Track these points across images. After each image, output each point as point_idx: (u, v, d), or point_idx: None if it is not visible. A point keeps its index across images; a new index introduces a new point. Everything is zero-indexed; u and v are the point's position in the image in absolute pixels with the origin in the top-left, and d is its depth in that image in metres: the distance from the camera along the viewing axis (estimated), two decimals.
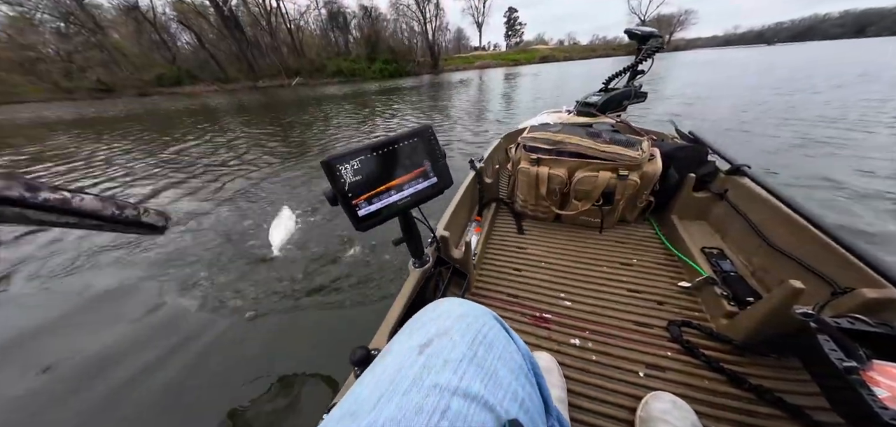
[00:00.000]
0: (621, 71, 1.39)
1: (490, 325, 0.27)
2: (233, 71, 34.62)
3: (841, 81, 6.75)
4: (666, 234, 1.01)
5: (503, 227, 1.15)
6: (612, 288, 0.83)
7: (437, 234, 0.78)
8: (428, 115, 6.47)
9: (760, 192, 0.87)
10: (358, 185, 0.48)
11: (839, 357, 0.43)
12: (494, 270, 0.93)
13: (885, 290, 0.53)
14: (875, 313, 0.52)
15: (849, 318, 0.49)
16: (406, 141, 0.53)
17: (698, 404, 0.53)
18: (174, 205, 2.69)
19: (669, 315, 0.73)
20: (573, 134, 1.01)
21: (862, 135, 3.12)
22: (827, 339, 0.46)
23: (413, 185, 0.54)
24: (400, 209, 0.53)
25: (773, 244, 0.77)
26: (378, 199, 0.50)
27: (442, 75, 27.33)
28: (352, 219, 0.48)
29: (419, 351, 0.24)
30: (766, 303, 0.58)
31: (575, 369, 0.62)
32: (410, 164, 0.53)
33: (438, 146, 0.57)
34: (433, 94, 10.40)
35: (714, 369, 0.59)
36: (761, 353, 0.61)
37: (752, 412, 0.53)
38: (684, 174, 1.03)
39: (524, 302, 0.79)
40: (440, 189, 0.57)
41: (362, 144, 0.48)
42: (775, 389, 0.55)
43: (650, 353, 0.64)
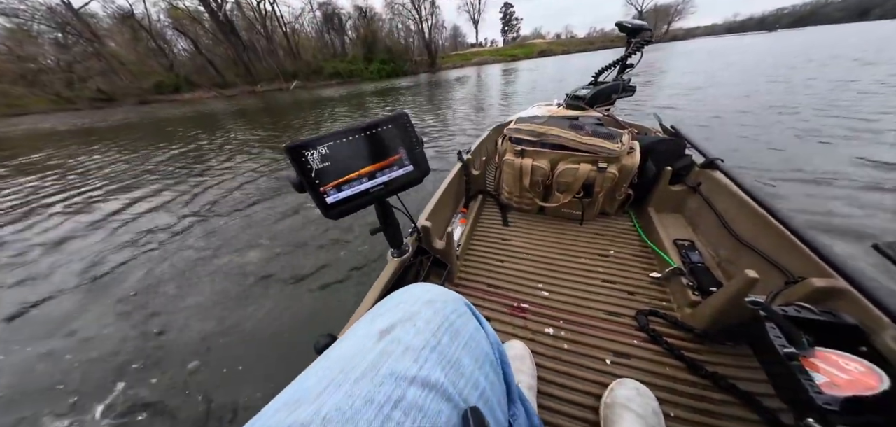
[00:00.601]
0: (611, 64, 1.38)
1: (459, 312, 0.27)
2: (231, 76, 34.67)
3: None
4: (643, 227, 1.03)
5: (489, 219, 1.16)
6: (589, 279, 0.84)
7: (419, 224, 0.78)
8: (425, 112, 6.45)
9: (730, 185, 0.88)
10: (326, 171, 0.47)
11: (782, 344, 0.45)
12: (477, 261, 0.94)
13: (833, 279, 0.55)
14: (823, 302, 0.54)
15: (795, 306, 0.51)
16: (379, 128, 0.52)
17: (659, 390, 0.55)
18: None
19: (639, 305, 0.75)
20: (557, 126, 1.01)
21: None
22: (773, 327, 0.47)
23: (387, 172, 0.53)
24: (374, 197, 0.52)
25: (739, 236, 0.79)
26: (348, 186, 0.49)
27: (440, 73, 27.29)
28: (320, 206, 0.47)
29: (379, 337, 0.23)
30: (723, 292, 0.60)
31: (547, 357, 0.63)
32: (384, 151, 0.52)
33: (415, 134, 0.56)
34: (430, 93, 10.40)
35: (675, 357, 0.61)
36: (719, 341, 0.63)
37: (707, 398, 0.55)
38: (662, 167, 1.04)
39: (504, 292, 0.81)
40: (417, 177, 0.56)
41: (331, 131, 0.48)
42: (729, 376, 0.57)
43: (618, 342, 0.66)
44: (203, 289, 1.58)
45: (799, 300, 0.55)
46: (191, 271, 1.74)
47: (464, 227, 1.05)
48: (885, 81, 4.66)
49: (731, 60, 9.88)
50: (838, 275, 0.55)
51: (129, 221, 2.55)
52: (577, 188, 1.00)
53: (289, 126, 6.73)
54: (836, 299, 0.54)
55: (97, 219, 2.66)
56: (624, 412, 0.48)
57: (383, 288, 0.63)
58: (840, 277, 0.54)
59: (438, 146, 3.75)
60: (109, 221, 2.59)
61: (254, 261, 1.78)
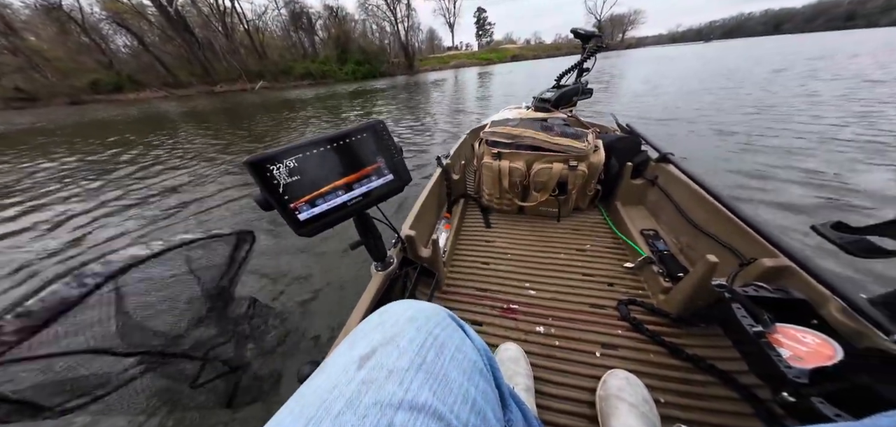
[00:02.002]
0: (570, 68, 1.49)
1: (443, 324, 0.26)
2: (185, 75, 31.51)
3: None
4: (612, 220, 1.08)
5: (472, 223, 1.16)
6: (570, 273, 0.86)
7: (402, 233, 0.76)
8: (405, 115, 6.25)
9: (683, 177, 0.96)
10: (296, 186, 0.43)
11: (750, 323, 0.49)
12: (464, 266, 0.93)
13: (779, 258, 0.60)
14: (773, 280, 0.60)
15: (754, 286, 0.57)
16: (353, 137, 0.49)
17: (647, 377, 0.57)
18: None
19: (618, 295, 0.77)
20: (529, 128, 1.05)
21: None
22: (739, 307, 0.51)
23: (365, 183, 0.50)
24: (352, 211, 0.49)
25: (695, 223, 0.84)
26: (323, 200, 0.45)
27: (418, 76, 27.21)
28: (291, 224, 0.43)
29: (359, 364, 0.22)
30: (691, 277, 0.63)
31: (541, 357, 0.63)
32: (360, 161, 0.49)
33: (392, 141, 0.54)
34: (409, 95, 10.22)
35: (657, 343, 0.63)
36: (692, 323, 0.65)
37: (691, 380, 0.57)
38: (623, 163, 1.12)
39: (493, 295, 0.80)
40: (398, 187, 0.54)
41: (299, 142, 0.43)
42: (707, 357, 0.59)
43: (604, 333, 0.68)
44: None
45: (754, 280, 0.60)
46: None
47: (448, 233, 1.04)
48: (796, 84, 5.33)
49: (679, 68, 10.94)
50: (783, 254, 0.60)
51: None
52: (552, 186, 1.04)
53: (252, 131, 6.12)
54: (785, 277, 0.59)
55: None
56: (618, 403, 0.49)
57: (369, 304, 0.59)
58: (784, 257, 0.59)
59: (422, 151, 3.60)
60: None
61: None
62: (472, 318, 0.74)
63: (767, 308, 0.50)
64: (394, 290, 0.69)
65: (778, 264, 0.59)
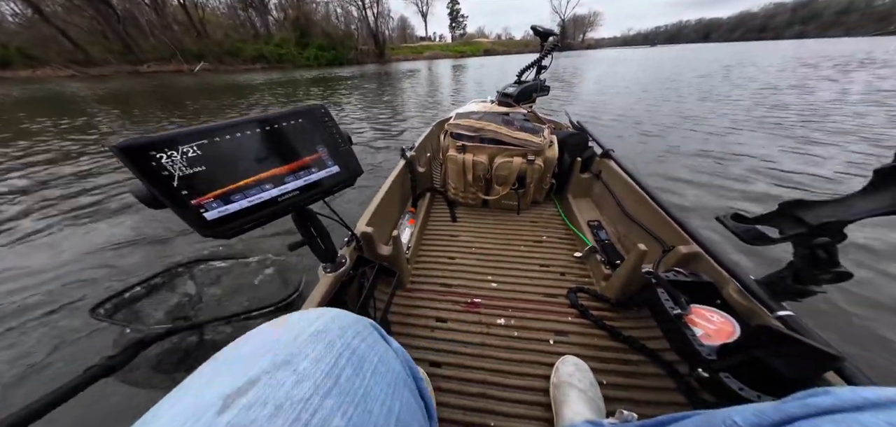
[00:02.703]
0: (530, 65, 1.52)
1: (363, 335, 0.23)
2: (98, 51, 26.01)
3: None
4: (565, 212, 1.15)
5: (438, 217, 1.15)
6: (528, 265, 0.89)
7: (357, 230, 0.72)
8: (374, 104, 5.81)
9: (621, 172, 1.05)
10: (201, 178, 0.35)
11: (671, 306, 0.55)
12: (429, 261, 0.92)
13: (692, 246, 0.68)
14: (688, 265, 0.68)
15: (674, 271, 0.64)
16: (284, 123, 0.42)
17: (592, 361, 0.60)
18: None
19: (569, 283, 0.81)
20: (492, 121, 1.08)
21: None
22: (663, 292, 0.57)
23: (302, 176, 0.43)
24: (286, 207, 0.43)
25: (629, 214, 0.92)
26: (242, 196, 0.38)
27: (390, 65, 26.35)
28: (194, 224, 0.35)
29: (222, 406, 0.15)
30: (626, 265, 0.68)
31: (502, 349, 0.65)
32: (295, 150, 0.43)
33: (337, 128, 0.49)
34: (379, 85, 9.52)
35: (600, 327, 0.68)
36: (627, 307, 0.71)
37: (627, 361, 0.62)
38: (574, 158, 1.20)
39: (457, 289, 0.80)
40: (346, 180, 0.49)
41: (205, 126, 0.36)
42: (639, 337, 0.64)
43: (557, 321, 0.71)
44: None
45: (674, 265, 0.68)
46: None
47: (413, 228, 1.00)
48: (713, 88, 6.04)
49: (630, 69, 11.90)
50: (694, 242, 0.68)
51: None
52: (512, 180, 1.07)
53: (183, 113, 5.20)
54: (696, 262, 0.67)
55: None
56: (569, 390, 0.52)
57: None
58: (696, 244, 0.67)
59: (392, 142, 3.29)
60: None
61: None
62: (436, 315, 0.72)
63: (684, 291, 0.58)
64: (347, 292, 0.63)
65: (691, 251, 0.67)
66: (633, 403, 0.54)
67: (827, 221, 0.40)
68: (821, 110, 3.67)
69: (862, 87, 5.20)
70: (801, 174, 2.07)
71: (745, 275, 0.55)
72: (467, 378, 0.59)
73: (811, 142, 2.64)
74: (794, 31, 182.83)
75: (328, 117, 0.47)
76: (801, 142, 2.65)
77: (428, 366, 0.61)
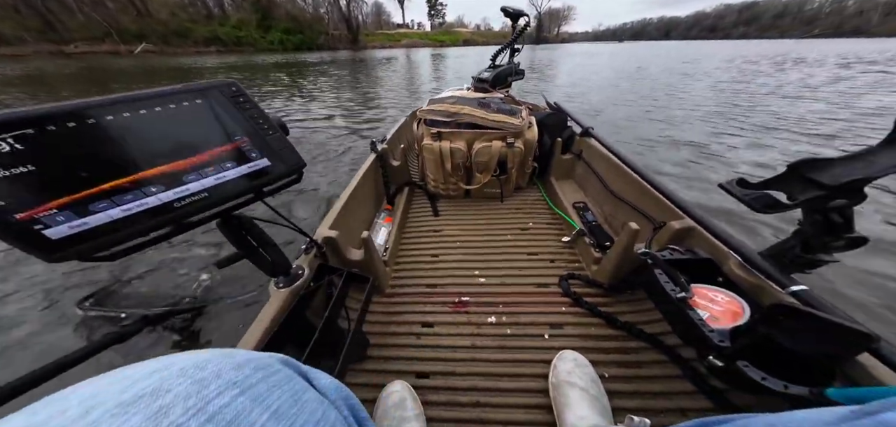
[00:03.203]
0: (504, 47, 1.50)
1: (267, 372, 0.18)
2: (11, 28, 21.96)
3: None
4: (549, 195, 1.12)
5: (419, 213, 1.08)
6: (516, 254, 0.85)
7: (318, 236, 0.64)
8: (350, 92, 5.41)
9: (603, 149, 1.03)
10: (28, 183, 0.25)
11: (672, 288, 0.51)
12: (411, 262, 0.84)
13: (685, 220, 0.65)
14: (682, 241, 0.66)
15: (669, 249, 0.61)
16: (175, 103, 0.32)
17: (591, 353, 0.56)
18: None
19: (559, 270, 0.77)
20: (467, 105, 1.02)
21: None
22: (661, 273, 0.54)
23: (211, 173, 0.34)
24: (196, 213, 0.33)
25: (615, 193, 0.89)
26: (108, 202, 0.28)
27: (365, 52, 25.14)
28: (27, 246, 0.26)
29: None
30: (617, 246, 0.66)
31: (494, 349, 0.61)
32: (197, 140, 0.34)
33: (262, 112, 0.40)
34: (354, 71, 9.17)
35: (595, 315, 0.64)
36: (621, 290, 0.68)
37: (627, 348, 0.58)
38: (554, 139, 1.18)
39: (443, 289, 0.75)
40: (283, 175, 0.40)
41: (32, 109, 0.26)
42: (637, 322, 0.61)
43: (550, 312, 0.67)
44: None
45: (667, 243, 0.66)
46: None
47: (390, 227, 0.92)
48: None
49: (602, 62, 12.54)
50: (687, 216, 0.64)
51: None
52: (493, 166, 1.02)
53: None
54: (691, 238, 0.64)
55: None
56: (570, 390, 0.48)
57: (263, 335, 0.45)
58: (689, 218, 0.64)
59: (365, 134, 3.08)
60: None
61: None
62: (421, 320, 0.67)
63: (682, 270, 0.54)
64: (310, 306, 0.54)
65: (684, 226, 0.64)
66: (639, 397, 0.51)
67: (846, 181, 0.37)
68: (760, 102, 3.96)
69: (788, 81, 5.73)
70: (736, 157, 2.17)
71: (748, 248, 0.52)
72: (458, 386, 0.54)
73: (749, 128, 2.85)
74: (739, 31, 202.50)
75: (244, 98, 0.38)
76: (738, 127, 2.87)
77: (414, 378, 0.55)
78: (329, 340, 0.49)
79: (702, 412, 0.48)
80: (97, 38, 23.14)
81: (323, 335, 0.45)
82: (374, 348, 0.60)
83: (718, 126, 2.85)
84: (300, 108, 4.17)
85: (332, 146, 2.56)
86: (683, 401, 0.49)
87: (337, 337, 0.52)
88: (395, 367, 0.57)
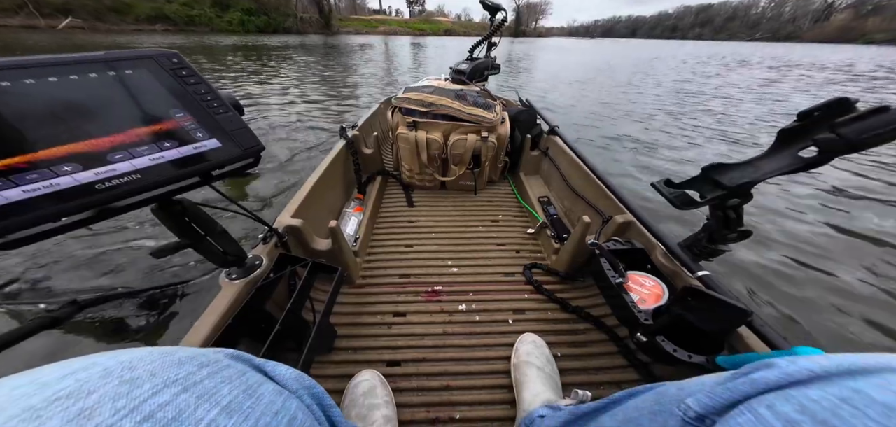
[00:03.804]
0: (481, 40, 1.50)
1: (214, 368, 0.17)
2: None
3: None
4: (518, 189, 1.16)
5: (393, 203, 1.07)
6: (487, 245, 0.88)
7: (279, 224, 0.61)
8: (320, 80, 5.00)
9: (566, 147, 1.09)
10: None
11: (613, 275, 0.57)
12: (384, 252, 0.84)
13: (627, 215, 0.72)
14: (624, 233, 0.73)
15: (613, 240, 0.67)
16: (97, 72, 0.29)
17: (547, 335, 0.61)
18: None
19: (524, 260, 0.82)
20: (445, 96, 1.01)
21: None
22: (605, 261, 0.59)
23: (144, 152, 0.30)
24: (124, 196, 0.29)
25: (574, 189, 0.95)
26: (3, 181, 0.24)
27: (339, 37, 23.73)
28: None
29: None
30: (573, 237, 0.70)
31: (464, 336, 0.63)
32: (126, 115, 0.30)
33: (210, 88, 0.36)
34: (326, 55, 8.75)
35: (553, 300, 0.69)
36: (575, 278, 0.74)
37: (576, 330, 0.64)
38: (524, 135, 1.21)
39: (417, 279, 0.76)
40: (237, 158, 0.37)
41: None
42: (585, 307, 0.67)
43: (514, 299, 0.71)
44: None
45: (613, 235, 0.72)
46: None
47: (361, 217, 0.91)
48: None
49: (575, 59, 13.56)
50: (629, 211, 0.72)
51: None
52: (468, 159, 1.03)
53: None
54: (630, 230, 0.71)
55: None
56: (528, 370, 0.52)
57: (212, 331, 0.43)
58: (629, 213, 0.72)
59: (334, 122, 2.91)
60: None
61: None
62: (393, 310, 0.68)
63: (622, 259, 0.60)
64: (269, 299, 0.52)
65: (626, 220, 0.71)
66: (585, 372, 0.57)
67: (740, 183, 0.44)
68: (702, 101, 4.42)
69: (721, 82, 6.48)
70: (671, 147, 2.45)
71: (670, 239, 0.60)
72: (429, 372, 0.56)
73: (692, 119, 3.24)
74: (695, 32, 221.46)
75: (188, 71, 0.35)
76: (680, 119, 3.25)
77: (385, 366, 0.56)
78: (293, 334, 0.48)
79: (632, 383, 0.55)
80: (8, 9, 19.25)
81: (286, 328, 0.44)
82: (344, 339, 0.60)
83: (668, 124, 3.12)
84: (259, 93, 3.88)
85: (293, 136, 2.40)
86: (618, 374, 0.56)
87: (301, 329, 0.51)
88: (366, 356, 0.58)
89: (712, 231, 0.50)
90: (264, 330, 0.43)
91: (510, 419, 0.50)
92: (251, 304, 0.47)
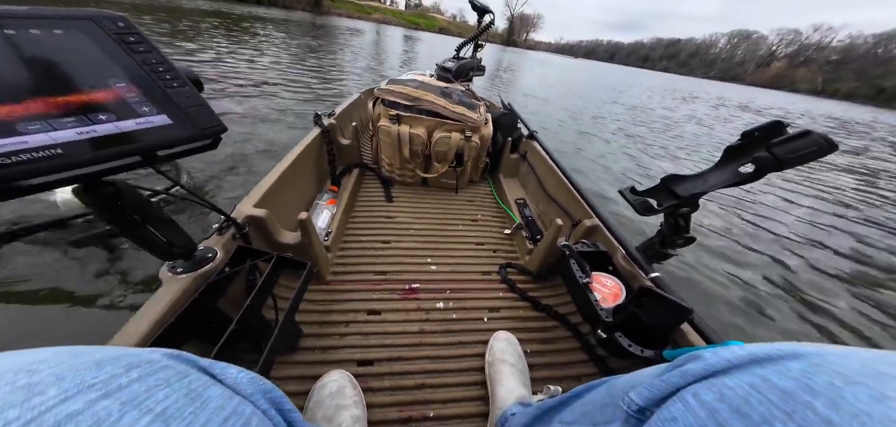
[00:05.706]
0: (468, 40, 1.56)
1: (140, 386, 0.14)
2: None
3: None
4: (497, 191, 1.20)
5: (370, 197, 1.04)
6: (465, 244, 0.90)
7: (239, 214, 0.57)
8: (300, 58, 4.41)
9: (543, 153, 1.14)
10: None
11: (580, 275, 0.60)
12: (360, 248, 0.82)
13: (594, 219, 0.77)
14: (591, 236, 0.77)
15: (582, 242, 0.71)
16: (15, 29, 0.25)
17: (519, 332, 0.63)
18: None
19: (500, 259, 0.85)
20: (430, 92, 1.01)
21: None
22: (574, 262, 0.63)
23: (71, 125, 0.26)
24: (44, 167, 0.25)
25: (548, 193, 1.00)
26: None
27: (328, 18, 22.40)
28: None
29: None
30: (546, 238, 0.74)
31: (441, 333, 0.63)
32: (51, 80, 0.26)
33: (163, 57, 0.32)
34: (315, 34, 7.95)
35: (525, 299, 0.73)
36: (546, 278, 0.78)
37: (545, 327, 0.68)
38: (505, 138, 1.26)
39: (393, 277, 0.75)
40: (190, 138, 0.33)
41: None
42: (553, 305, 0.71)
43: (490, 298, 0.73)
44: None
45: (581, 237, 0.77)
46: None
47: (334, 210, 0.88)
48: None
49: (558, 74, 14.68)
50: (595, 216, 0.77)
51: None
52: (451, 157, 1.04)
53: None
54: (596, 234, 0.75)
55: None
56: (501, 366, 0.53)
57: (151, 328, 0.38)
58: (596, 217, 0.76)
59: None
60: None
61: None
62: (367, 308, 0.66)
63: (588, 260, 0.64)
64: (224, 296, 0.48)
65: (593, 224, 0.76)
66: (552, 367, 0.60)
67: (690, 193, 0.49)
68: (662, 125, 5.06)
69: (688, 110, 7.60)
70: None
71: (629, 243, 0.65)
72: (404, 371, 0.56)
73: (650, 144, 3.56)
74: (662, 64, 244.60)
75: (137, 37, 0.31)
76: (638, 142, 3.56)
77: (355, 366, 0.55)
78: (251, 333, 0.45)
79: (592, 376, 0.58)
80: None
81: (243, 327, 0.40)
82: (310, 338, 0.58)
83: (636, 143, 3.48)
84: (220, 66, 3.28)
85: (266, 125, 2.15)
86: (581, 368, 0.60)
87: (262, 328, 0.48)
88: (335, 356, 0.56)
89: (664, 236, 0.55)
90: (217, 330, 0.38)
91: (483, 415, 0.51)
92: (201, 301, 0.41)
